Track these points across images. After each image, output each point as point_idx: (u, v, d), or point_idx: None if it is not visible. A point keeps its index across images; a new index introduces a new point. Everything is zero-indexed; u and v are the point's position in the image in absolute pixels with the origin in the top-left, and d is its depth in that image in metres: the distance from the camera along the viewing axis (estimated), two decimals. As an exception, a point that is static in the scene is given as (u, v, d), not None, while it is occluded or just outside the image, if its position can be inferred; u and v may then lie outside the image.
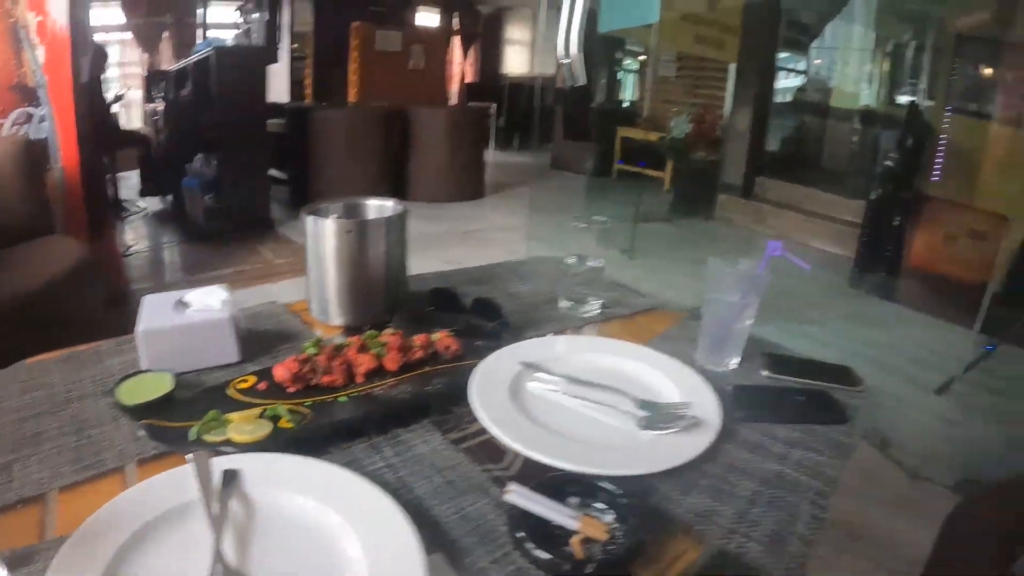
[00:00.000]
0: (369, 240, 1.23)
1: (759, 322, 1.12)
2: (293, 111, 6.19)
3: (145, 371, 0.99)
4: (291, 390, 0.97)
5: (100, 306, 2.58)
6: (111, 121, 5.56)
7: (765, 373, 1.10)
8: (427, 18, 11.31)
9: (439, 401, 1.00)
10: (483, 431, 0.91)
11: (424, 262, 1.61)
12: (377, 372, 1.03)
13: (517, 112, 11.99)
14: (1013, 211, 3.71)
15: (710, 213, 6.75)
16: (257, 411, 0.89)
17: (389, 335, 1.08)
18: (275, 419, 0.88)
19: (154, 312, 1.08)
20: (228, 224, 4.75)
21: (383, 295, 1.29)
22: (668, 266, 4.77)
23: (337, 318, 1.27)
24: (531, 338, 1.23)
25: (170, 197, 5.62)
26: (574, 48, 1.37)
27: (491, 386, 1.02)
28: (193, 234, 4.77)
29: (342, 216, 1.30)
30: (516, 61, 13.17)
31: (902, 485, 2.27)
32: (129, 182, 5.90)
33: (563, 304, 1.39)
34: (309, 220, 1.23)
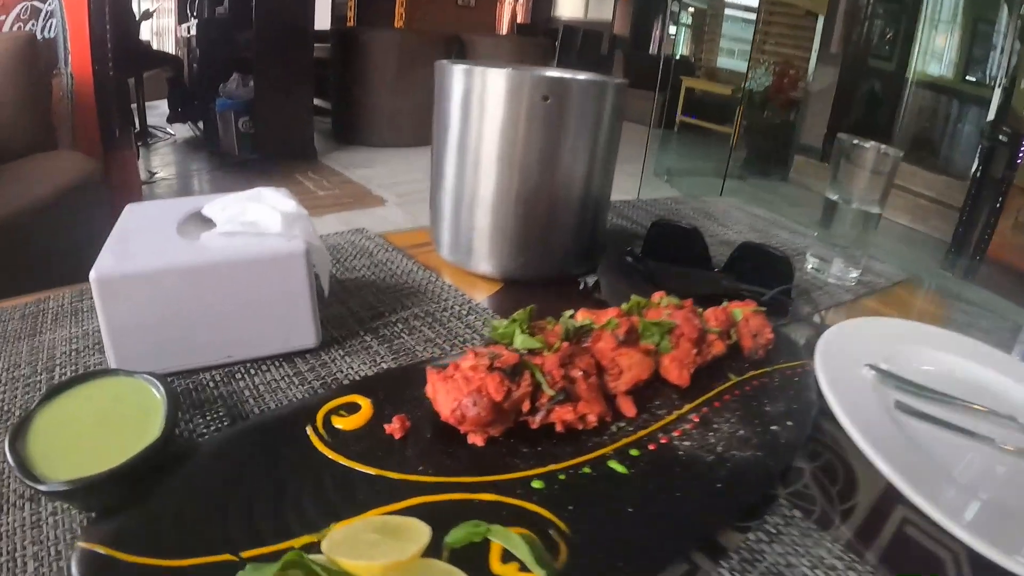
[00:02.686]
0: (575, 119, 0.62)
1: None
2: (339, 34, 5.51)
3: (105, 373, 0.40)
4: (480, 440, 0.38)
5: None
6: (136, 35, 4.98)
7: None
8: (479, -51, 10.58)
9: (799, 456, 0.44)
10: (890, 515, 0.41)
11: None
12: (648, 386, 0.46)
13: (569, 56, 11.23)
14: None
15: (785, 174, 6.26)
16: (413, 532, 0.30)
17: (674, 307, 0.48)
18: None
19: (137, 237, 0.49)
20: (264, 152, 4.20)
21: (581, 225, 0.68)
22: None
23: (487, 262, 0.67)
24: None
25: (201, 124, 5.07)
26: None
27: (863, 417, 0.47)
28: (225, 162, 4.24)
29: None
30: (570, 3, 12.34)
31: None
32: (158, 110, 5.37)
33: (811, 263, 0.83)
34: (455, 71, 0.62)
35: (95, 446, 0.35)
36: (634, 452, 0.40)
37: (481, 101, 0.62)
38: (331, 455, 0.37)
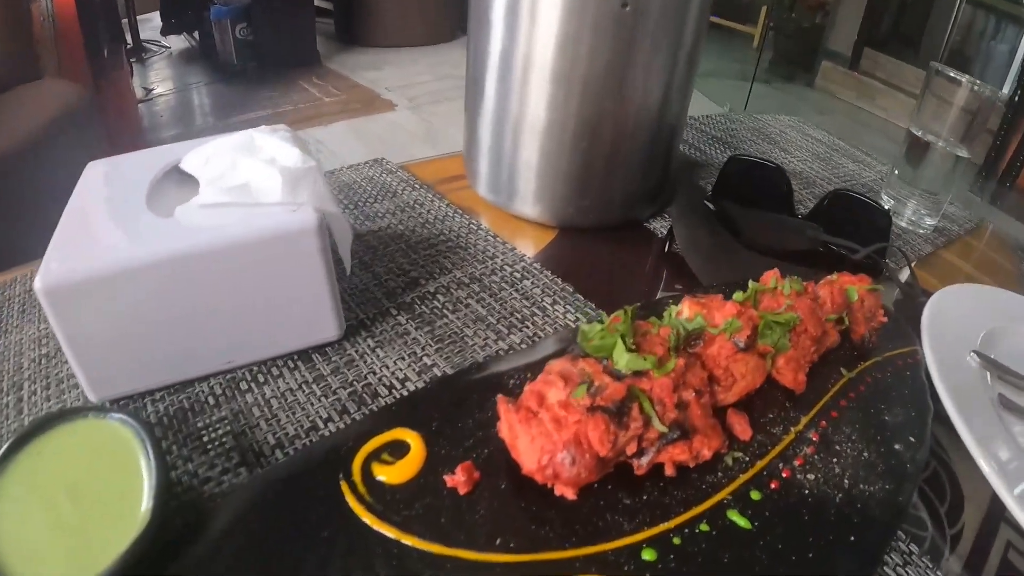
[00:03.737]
0: (658, 31, 0.49)
1: None
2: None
3: (71, 415, 0.30)
4: (572, 494, 0.28)
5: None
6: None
7: None
8: None
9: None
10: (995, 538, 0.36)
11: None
12: (757, 393, 0.36)
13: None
14: None
15: (811, 80, 5.92)
16: None
17: (795, 293, 0.36)
18: None
19: (95, 216, 0.37)
20: (264, 59, 3.96)
21: (652, 160, 0.55)
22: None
23: (536, 205, 0.55)
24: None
25: (197, 34, 4.79)
26: None
27: (972, 418, 0.38)
28: (225, 72, 4.01)
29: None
30: None
31: None
32: (150, 23, 5.06)
33: (886, 204, 0.69)
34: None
35: (65, 543, 0.25)
36: (755, 495, 0.30)
37: (534, 3, 0.47)
38: (375, 524, 0.27)
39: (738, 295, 0.36)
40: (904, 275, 0.58)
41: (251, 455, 0.35)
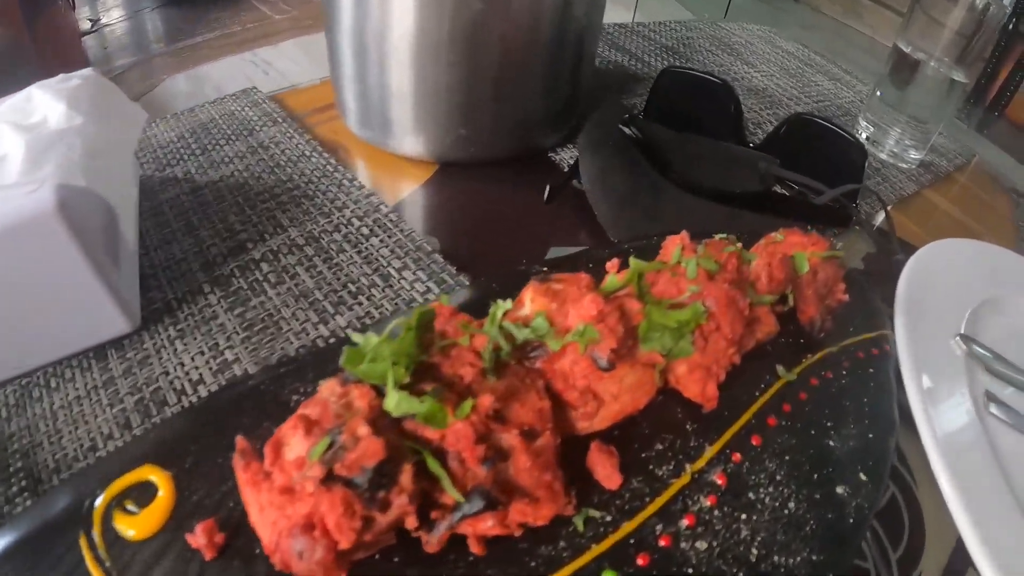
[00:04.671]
0: None
1: None
2: None
3: None
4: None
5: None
6: None
7: None
8: None
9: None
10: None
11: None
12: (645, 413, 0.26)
13: None
14: None
15: None
16: None
17: (705, 273, 0.26)
18: None
19: None
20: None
21: (555, 73, 0.43)
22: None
23: (413, 138, 0.44)
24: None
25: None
26: None
27: (950, 432, 0.29)
28: (178, -6, 3.74)
29: None
30: None
31: None
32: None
33: (864, 131, 0.59)
34: None
35: None
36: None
37: None
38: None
39: (611, 279, 0.25)
40: (879, 223, 0.47)
41: (31, 481, 0.28)
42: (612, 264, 0.28)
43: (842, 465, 0.25)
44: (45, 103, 0.33)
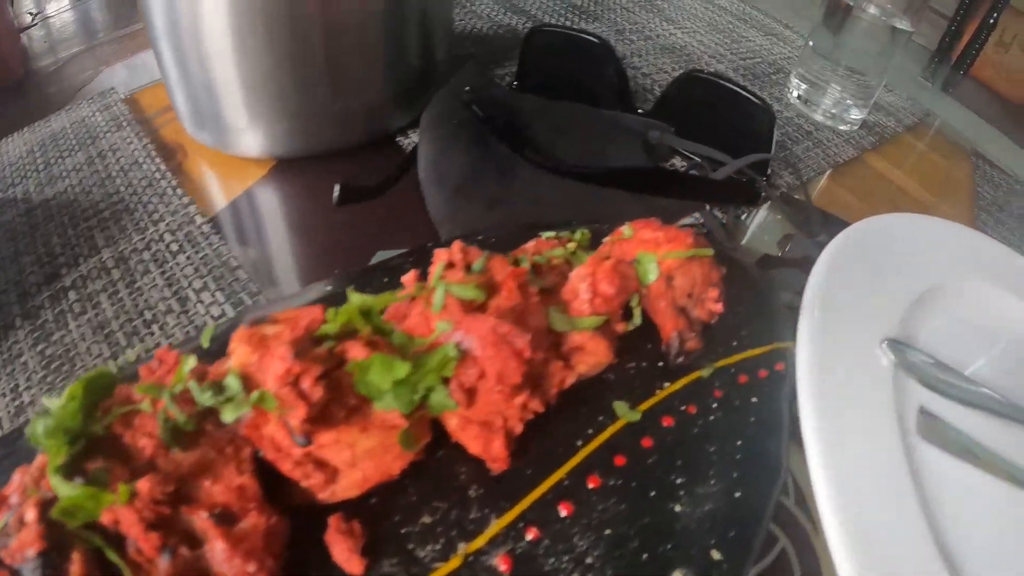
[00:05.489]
0: None
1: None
2: None
3: None
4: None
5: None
6: None
7: None
8: None
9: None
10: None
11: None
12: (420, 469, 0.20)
13: None
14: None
15: None
16: None
17: (460, 306, 0.21)
18: None
19: None
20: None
21: (400, 45, 0.37)
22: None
23: (249, 135, 0.39)
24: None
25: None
26: None
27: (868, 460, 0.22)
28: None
29: None
30: None
31: None
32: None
33: (796, 89, 0.51)
34: None
35: None
36: None
37: None
38: None
39: (330, 318, 0.20)
40: (785, 192, 0.40)
41: None
42: (408, 277, 0.22)
43: (689, 540, 0.19)
44: None
